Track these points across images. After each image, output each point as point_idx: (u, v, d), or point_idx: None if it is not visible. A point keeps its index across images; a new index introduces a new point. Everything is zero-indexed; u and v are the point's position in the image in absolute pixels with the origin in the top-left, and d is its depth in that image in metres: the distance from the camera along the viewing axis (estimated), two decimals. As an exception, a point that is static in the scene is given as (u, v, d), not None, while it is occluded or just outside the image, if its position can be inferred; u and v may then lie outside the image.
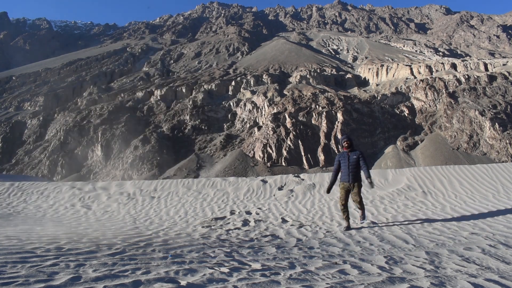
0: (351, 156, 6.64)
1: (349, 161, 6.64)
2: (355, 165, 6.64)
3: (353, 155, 6.65)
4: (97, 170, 52.82)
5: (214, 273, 3.23)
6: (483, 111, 51.71)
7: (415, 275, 3.61)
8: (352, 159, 6.64)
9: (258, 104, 61.36)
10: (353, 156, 6.65)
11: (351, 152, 6.69)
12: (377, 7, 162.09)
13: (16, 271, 3.02)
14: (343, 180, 6.74)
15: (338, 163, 6.87)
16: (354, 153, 6.68)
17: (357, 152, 6.70)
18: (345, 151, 6.75)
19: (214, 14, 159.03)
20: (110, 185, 14.96)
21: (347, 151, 6.71)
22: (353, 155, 6.65)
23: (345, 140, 6.80)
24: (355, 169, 6.63)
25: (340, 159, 6.82)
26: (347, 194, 6.73)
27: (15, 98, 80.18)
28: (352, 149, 6.72)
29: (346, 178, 6.67)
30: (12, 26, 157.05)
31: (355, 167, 6.64)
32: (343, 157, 6.73)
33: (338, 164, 6.88)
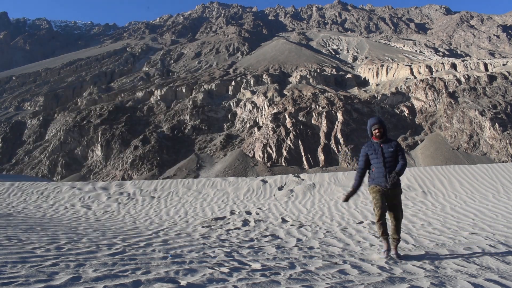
0: (385, 149, 4.62)
1: (384, 156, 4.59)
2: (393, 161, 4.57)
3: (388, 147, 4.63)
4: (97, 170, 52.81)
5: (214, 273, 3.23)
6: (483, 111, 51.70)
7: (415, 275, 3.61)
8: (388, 152, 4.59)
9: (258, 104, 61.36)
10: (388, 149, 4.61)
11: (384, 143, 4.67)
12: (377, 7, 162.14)
13: (16, 271, 3.02)
14: (376, 182, 4.61)
15: (365, 158, 4.73)
16: (390, 145, 4.65)
17: (393, 143, 4.68)
18: (375, 141, 4.72)
19: (214, 14, 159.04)
20: (110, 185, 14.96)
21: (379, 141, 4.69)
22: (388, 147, 4.63)
23: (376, 126, 4.71)
24: (392, 166, 4.57)
25: (368, 152, 4.72)
26: (384, 198, 4.59)
27: (15, 98, 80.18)
28: (386, 139, 4.70)
29: (381, 181, 4.57)
30: (12, 26, 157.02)
31: (393, 165, 4.57)
32: (373, 149, 4.69)
33: (366, 159, 4.73)
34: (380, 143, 4.69)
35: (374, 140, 4.73)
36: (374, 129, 4.74)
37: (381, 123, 4.74)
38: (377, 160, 4.65)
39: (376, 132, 4.71)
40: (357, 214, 9.31)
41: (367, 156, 4.74)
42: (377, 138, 4.70)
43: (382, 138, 4.70)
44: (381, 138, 4.69)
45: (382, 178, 4.57)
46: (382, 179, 4.58)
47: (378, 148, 4.66)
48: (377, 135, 4.70)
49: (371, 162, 4.72)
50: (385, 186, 4.52)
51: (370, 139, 4.83)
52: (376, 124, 4.74)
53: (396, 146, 4.66)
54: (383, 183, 4.55)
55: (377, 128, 4.72)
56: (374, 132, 4.73)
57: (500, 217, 8.12)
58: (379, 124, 4.73)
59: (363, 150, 4.84)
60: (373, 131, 4.74)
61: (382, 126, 4.72)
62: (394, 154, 4.61)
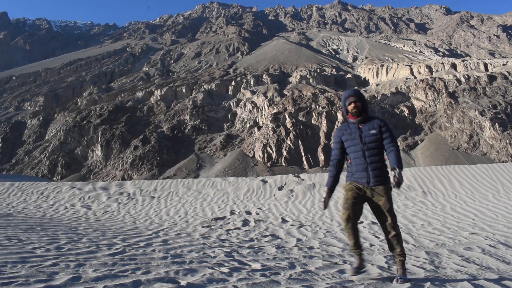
0: (365, 131, 3.35)
1: (363, 142, 3.33)
2: (376, 148, 3.32)
3: (369, 129, 3.36)
4: (97, 170, 52.82)
5: (214, 273, 3.23)
6: (483, 111, 51.71)
7: (415, 275, 3.62)
8: (369, 135, 3.33)
9: (258, 104, 61.38)
10: (369, 131, 3.35)
11: (363, 122, 3.40)
12: (377, 7, 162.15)
13: (16, 271, 3.02)
14: (355, 179, 3.37)
15: (340, 145, 3.49)
16: (371, 125, 3.38)
17: (376, 122, 3.39)
18: (352, 120, 3.44)
19: (214, 14, 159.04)
20: (110, 185, 14.97)
21: (357, 120, 3.41)
22: (368, 128, 3.36)
23: (352, 99, 3.42)
24: (377, 156, 3.32)
25: (343, 138, 3.47)
26: (359, 203, 3.35)
27: (15, 98, 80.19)
28: (366, 117, 3.42)
29: (361, 176, 3.33)
30: (12, 26, 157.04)
31: (377, 153, 3.32)
32: (348, 132, 3.43)
33: (341, 146, 3.49)
34: (358, 123, 3.39)
35: (350, 119, 3.44)
36: (349, 103, 3.41)
37: (359, 95, 3.43)
38: (354, 148, 3.36)
39: (352, 107, 3.38)
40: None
41: (342, 143, 3.47)
42: (354, 116, 3.40)
43: (360, 116, 3.38)
44: (359, 116, 3.38)
45: (363, 173, 3.30)
46: (362, 173, 3.30)
47: (356, 130, 3.37)
48: (354, 112, 3.38)
49: (347, 151, 3.45)
50: (366, 182, 3.28)
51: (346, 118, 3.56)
52: (352, 96, 3.41)
53: (380, 126, 3.35)
54: (364, 179, 3.29)
55: (353, 102, 3.38)
56: (349, 108, 3.41)
57: (500, 217, 8.12)
58: (355, 96, 3.41)
59: (336, 135, 3.54)
60: (348, 106, 3.42)
61: (359, 99, 3.40)
62: (377, 138, 3.32)
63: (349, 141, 3.40)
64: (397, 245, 3.29)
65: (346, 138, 3.43)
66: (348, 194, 3.35)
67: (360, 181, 3.32)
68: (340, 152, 3.48)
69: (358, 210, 3.34)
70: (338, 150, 3.49)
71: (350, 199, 3.33)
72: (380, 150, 3.33)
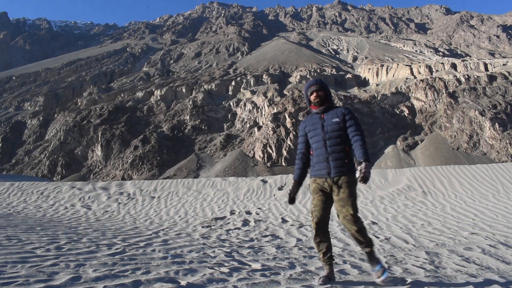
0: (327, 120, 3.17)
1: (325, 131, 3.14)
2: (339, 137, 3.12)
3: (332, 117, 3.16)
4: (97, 170, 52.82)
5: (214, 273, 3.23)
6: (483, 111, 51.71)
7: (415, 275, 3.62)
8: (331, 124, 3.14)
9: (258, 104, 61.38)
10: (332, 119, 3.15)
11: (326, 112, 3.22)
12: (377, 7, 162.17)
13: (16, 271, 3.02)
14: (316, 173, 3.19)
15: (305, 139, 3.31)
16: (334, 113, 3.19)
17: (340, 110, 3.20)
18: (315, 110, 3.27)
19: (214, 14, 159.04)
20: (110, 185, 14.97)
21: (319, 110, 3.23)
22: (331, 116, 3.17)
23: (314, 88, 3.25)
24: (339, 145, 3.11)
25: (306, 129, 3.30)
26: (327, 208, 3.15)
27: (15, 98, 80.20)
28: (329, 106, 3.24)
29: (321, 168, 3.14)
30: (12, 26, 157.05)
31: (339, 142, 3.12)
32: (311, 123, 3.27)
33: (306, 140, 3.31)
34: (321, 113, 3.21)
35: (313, 109, 3.27)
36: (311, 92, 3.23)
37: (320, 84, 3.25)
38: (316, 138, 3.18)
39: (314, 97, 3.21)
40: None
41: (307, 136, 3.28)
42: (316, 106, 3.22)
43: (323, 105, 3.20)
44: (322, 105, 3.20)
45: (323, 164, 3.10)
46: (323, 164, 3.10)
47: (318, 120, 3.20)
48: (316, 102, 3.20)
49: (310, 142, 3.25)
50: (328, 175, 3.07)
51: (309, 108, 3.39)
52: (314, 85, 3.24)
53: (343, 115, 3.13)
54: (324, 170, 3.08)
55: (315, 91, 3.21)
56: (311, 98, 3.23)
57: (500, 217, 8.12)
58: (317, 85, 3.23)
59: (301, 128, 3.38)
60: (310, 96, 3.24)
61: (322, 88, 3.22)
62: (340, 126, 3.10)
63: (312, 132, 3.23)
64: (362, 238, 3.03)
65: (309, 129, 3.25)
66: (315, 198, 3.16)
67: (321, 173, 3.12)
68: (305, 146, 3.31)
69: (327, 214, 3.15)
70: (303, 144, 3.32)
71: (318, 205, 3.12)
72: (343, 140, 3.11)
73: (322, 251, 3.12)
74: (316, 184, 3.16)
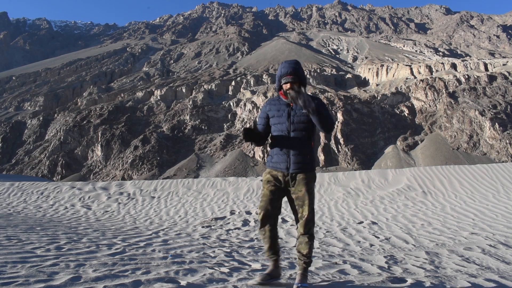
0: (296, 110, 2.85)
1: (291, 121, 2.86)
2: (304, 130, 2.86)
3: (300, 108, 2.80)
4: (97, 170, 52.82)
5: (214, 273, 3.23)
6: (483, 111, 51.71)
7: (415, 275, 3.61)
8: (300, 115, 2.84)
9: (258, 104, 61.37)
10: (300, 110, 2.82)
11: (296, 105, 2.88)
12: (377, 7, 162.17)
13: (16, 271, 3.02)
14: (273, 165, 2.91)
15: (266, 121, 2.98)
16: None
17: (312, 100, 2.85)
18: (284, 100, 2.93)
19: (214, 14, 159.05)
20: (110, 185, 14.96)
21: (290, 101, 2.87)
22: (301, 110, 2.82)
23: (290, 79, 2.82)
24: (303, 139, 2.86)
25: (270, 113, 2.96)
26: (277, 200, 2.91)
27: (15, 98, 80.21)
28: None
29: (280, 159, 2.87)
30: (12, 26, 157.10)
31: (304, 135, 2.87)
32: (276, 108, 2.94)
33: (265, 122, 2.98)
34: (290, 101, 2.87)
35: (283, 98, 2.92)
36: (285, 82, 2.83)
37: (298, 74, 2.83)
38: (280, 127, 2.87)
39: (287, 87, 2.82)
40: (357, 214, 9.31)
41: (268, 119, 2.96)
42: (287, 96, 2.85)
43: None
44: None
45: (283, 157, 2.83)
46: (282, 157, 2.83)
47: (285, 107, 2.88)
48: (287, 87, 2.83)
49: (272, 129, 2.94)
50: (286, 168, 2.81)
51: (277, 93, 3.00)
52: (290, 76, 2.82)
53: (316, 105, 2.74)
54: (283, 164, 2.82)
55: (290, 83, 2.81)
56: (284, 87, 2.86)
57: (500, 217, 8.12)
58: (293, 76, 2.81)
59: (263, 109, 3.03)
60: (283, 84, 2.86)
61: (298, 80, 2.82)
62: (308, 119, 2.82)
63: (275, 118, 2.90)
64: (306, 246, 2.80)
65: (273, 114, 2.92)
66: (265, 188, 2.89)
67: (279, 166, 2.85)
68: (263, 128, 2.97)
69: (276, 208, 2.90)
70: (262, 126, 2.98)
71: (267, 195, 2.87)
72: (308, 133, 2.86)
73: (267, 245, 2.92)
74: (271, 176, 2.89)
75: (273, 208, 2.88)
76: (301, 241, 2.83)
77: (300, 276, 2.81)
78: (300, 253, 2.84)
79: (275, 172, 2.87)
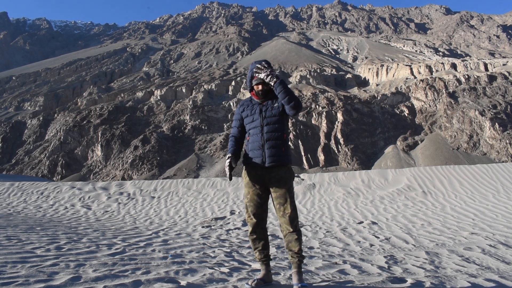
0: (267, 105, 2.96)
1: (263, 116, 2.94)
2: (277, 123, 2.93)
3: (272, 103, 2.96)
4: (97, 170, 52.82)
5: (214, 273, 3.23)
6: (483, 111, 51.71)
7: (415, 275, 3.61)
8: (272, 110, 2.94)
9: (258, 104, 61.38)
10: (274, 104, 2.95)
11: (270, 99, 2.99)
12: (377, 7, 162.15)
13: (16, 271, 3.02)
14: (249, 161, 2.97)
15: (241, 123, 3.11)
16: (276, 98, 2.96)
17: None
18: (256, 100, 3.04)
19: (214, 14, 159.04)
20: (110, 185, 14.96)
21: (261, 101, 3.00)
22: (273, 102, 2.96)
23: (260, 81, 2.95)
24: (276, 132, 2.92)
25: (243, 114, 3.08)
26: (264, 203, 2.98)
27: (15, 98, 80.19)
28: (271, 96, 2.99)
29: (255, 154, 2.93)
30: (12, 26, 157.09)
31: (277, 128, 2.92)
32: (250, 108, 3.04)
33: (241, 124, 3.11)
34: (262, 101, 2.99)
35: (254, 98, 3.03)
36: (257, 83, 2.95)
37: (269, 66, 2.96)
38: (253, 124, 2.97)
39: (259, 88, 2.95)
40: (357, 214, 9.31)
41: (243, 120, 3.07)
42: (259, 97, 2.98)
43: (266, 98, 2.97)
44: (265, 98, 2.97)
45: (258, 151, 2.89)
46: (258, 152, 2.89)
47: (257, 105, 2.99)
48: (260, 94, 2.96)
49: (246, 128, 3.05)
50: (263, 163, 2.86)
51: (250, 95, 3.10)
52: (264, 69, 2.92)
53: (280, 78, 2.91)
54: (259, 158, 2.88)
55: (261, 84, 2.93)
56: (255, 88, 2.98)
57: (500, 217, 8.12)
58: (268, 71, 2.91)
59: (237, 111, 3.13)
60: (255, 85, 2.97)
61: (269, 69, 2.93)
62: (280, 112, 2.90)
63: (249, 117, 3.01)
64: (296, 243, 2.81)
65: (247, 114, 3.03)
66: (251, 193, 2.92)
67: (255, 161, 2.90)
68: (239, 130, 3.09)
69: (265, 210, 2.95)
70: (237, 128, 3.10)
71: (254, 200, 2.90)
72: (281, 126, 2.92)
73: (258, 249, 2.92)
74: (251, 175, 2.93)
75: (262, 211, 2.92)
76: (291, 239, 2.83)
77: (297, 275, 2.81)
78: (292, 251, 2.83)
79: (253, 171, 2.92)
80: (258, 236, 2.91)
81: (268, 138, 2.89)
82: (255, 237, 2.91)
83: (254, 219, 2.88)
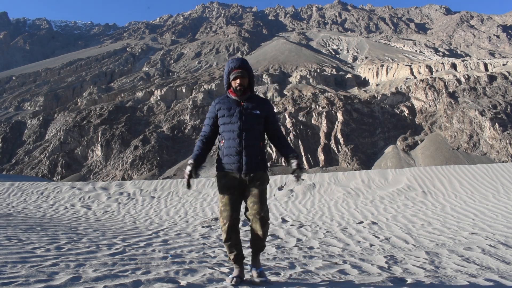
0: (248, 110, 2.82)
1: (243, 121, 2.79)
2: (257, 131, 2.84)
3: (253, 107, 2.84)
4: (97, 170, 52.81)
5: (214, 273, 3.23)
6: (483, 111, 51.70)
7: (415, 275, 3.61)
8: (252, 114, 2.82)
9: (258, 104, 61.39)
10: (253, 110, 2.83)
11: (247, 100, 2.85)
12: (377, 7, 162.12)
13: (16, 271, 3.02)
14: (225, 167, 2.85)
15: (214, 121, 2.92)
16: (256, 104, 2.86)
17: (262, 102, 2.91)
18: (234, 97, 2.87)
19: (214, 14, 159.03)
20: (110, 185, 14.96)
21: (239, 98, 2.85)
22: (253, 106, 2.84)
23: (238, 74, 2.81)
24: (255, 139, 2.82)
25: (219, 113, 2.89)
26: (237, 201, 2.87)
27: (15, 98, 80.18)
28: (250, 96, 2.88)
29: (231, 160, 2.81)
30: (12, 26, 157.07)
31: (256, 136, 2.83)
32: (227, 106, 2.86)
33: (214, 122, 2.92)
34: (240, 100, 2.84)
35: (232, 95, 2.86)
36: (235, 77, 2.81)
37: (246, 68, 2.83)
38: (231, 126, 2.80)
39: (236, 83, 2.80)
40: (357, 214, 9.31)
41: (217, 119, 2.89)
42: (237, 93, 2.82)
43: (245, 95, 2.84)
44: (243, 95, 2.83)
45: (235, 157, 2.76)
46: (234, 158, 2.76)
47: (236, 106, 2.82)
48: (238, 89, 2.80)
49: (221, 129, 2.87)
50: (239, 170, 2.76)
51: (226, 92, 2.94)
52: (238, 70, 2.80)
53: (268, 109, 2.87)
54: (235, 164, 2.76)
55: (239, 78, 2.80)
56: (233, 84, 2.82)
57: (500, 217, 8.12)
58: (242, 70, 2.81)
59: (211, 109, 2.94)
60: (232, 80, 2.83)
61: (247, 75, 2.82)
62: (260, 120, 2.83)
63: (226, 118, 2.82)
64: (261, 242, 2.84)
65: (223, 113, 2.84)
66: (224, 197, 2.82)
67: (231, 167, 2.78)
68: (212, 129, 2.92)
69: (239, 212, 2.86)
70: (210, 126, 2.92)
71: (229, 204, 2.80)
72: (259, 134, 2.83)
73: (234, 253, 2.87)
74: (227, 179, 2.82)
75: (237, 216, 2.84)
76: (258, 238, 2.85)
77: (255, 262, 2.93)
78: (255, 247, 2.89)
79: (229, 175, 2.82)
80: (233, 242, 2.84)
81: (247, 145, 2.77)
82: (230, 244, 2.84)
83: (230, 222, 2.78)
